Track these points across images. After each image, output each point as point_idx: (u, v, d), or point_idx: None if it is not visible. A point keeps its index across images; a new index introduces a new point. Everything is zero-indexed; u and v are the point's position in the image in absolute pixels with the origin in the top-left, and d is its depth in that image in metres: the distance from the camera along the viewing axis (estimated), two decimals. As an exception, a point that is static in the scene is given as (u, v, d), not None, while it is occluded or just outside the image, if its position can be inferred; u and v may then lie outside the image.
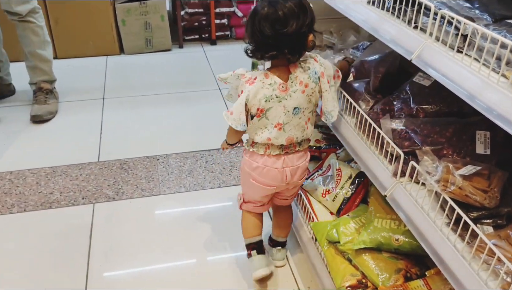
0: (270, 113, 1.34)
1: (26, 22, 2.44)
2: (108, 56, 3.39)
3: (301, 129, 1.39)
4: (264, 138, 1.38)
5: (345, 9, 1.34)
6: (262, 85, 1.31)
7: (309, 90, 1.34)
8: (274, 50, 1.27)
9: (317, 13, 2.05)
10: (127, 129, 2.52)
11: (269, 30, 1.24)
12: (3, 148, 2.33)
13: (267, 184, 1.44)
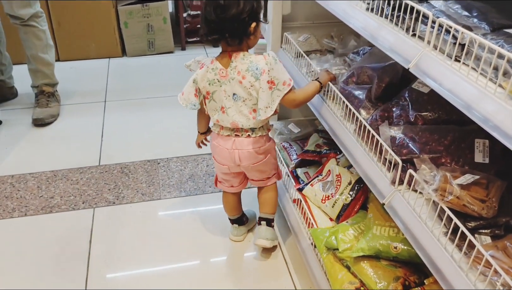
0: (215, 96, 1.48)
1: (29, 26, 2.45)
2: (110, 59, 3.40)
3: (245, 117, 1.48)
4: (215, 119, 1.53)
5: (344, 16, 1.33)
6: (207, 70, 1.45)
7: (247, 82, 1.42)
8: (216, 34, 1.38)
9: (317, 17, 2.07)
10: (129, 132, 2.52)
11: (212, 15, 1.35)
12: (5, 151, 2.34)
13: (220, 162, 1.59)
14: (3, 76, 2.71)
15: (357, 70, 1.49)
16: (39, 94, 2.62)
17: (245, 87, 1.43)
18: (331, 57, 1.77)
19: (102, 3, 3.21)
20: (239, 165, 1.56)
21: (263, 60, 1.42)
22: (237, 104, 1.47)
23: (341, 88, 1.50)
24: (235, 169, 1.60)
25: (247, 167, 1.57)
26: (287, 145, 2.00)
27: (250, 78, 1.42)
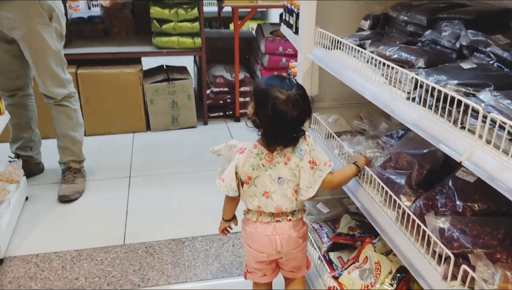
0: (258, 181, 1.45)
1: (61, 106, 2.52)
2: (135, 133, 3.46)
3: (289, 200, 1.46)
4: (255, 206, 1.48)
5: (384, 105, 1.34)
6: (250, 155, 1.44)
7: (292, 164, 1.43)
8: (278, 136, 1.41)
9: (345, 98, 2.10)
10: (153, 209, 2.50)
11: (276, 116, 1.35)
12: (29, 227, 2.32)
13: (258, 250, 1.51)
14: (32, 152, 2.75)
15: (395, 155, 1.48)
16: (66, 171, 2.64)
17: (290, 168, 1.43)
18: (363, 139, 1.78)
19: (130, 81, 3.32)
20: (280, 251, 1.50)
21: (305, 141, 1.44)
22: (282, 188, 1.45)
23: (378, 173, 1.48)
24: (274, 256, 1.53)
25: (288, 253, 1.51)
26: (318, 226, 1.95)
27: (296, 159, 1.43)
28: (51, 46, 2.37)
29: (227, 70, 3.78)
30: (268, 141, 1.44)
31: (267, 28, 3.74)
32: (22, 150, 2.72)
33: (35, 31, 2.30)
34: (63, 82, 2.48)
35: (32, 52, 2.35)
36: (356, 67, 1.56)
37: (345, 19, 2.00)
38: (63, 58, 2.48)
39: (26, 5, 2.26)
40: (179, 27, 3.32)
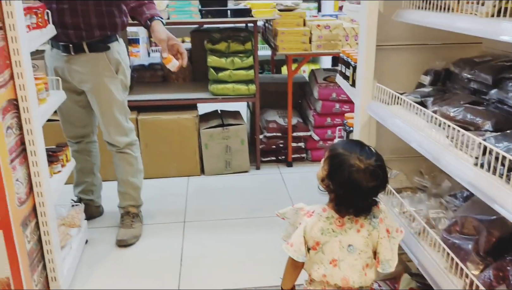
0: (326, 247, 1.37)
1: (123, 153, 2.63)
2: (190, 177, 3.53)
3: (358, 273, 1.37)
4: (320, 275, 1.38)
5: (446, 167, 1.31)
6: (319, 218, 1.38)
7: (365, 231, 1.37)
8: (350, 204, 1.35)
9: (403, 151, 2.06)
10: (207, 257, 2.51)
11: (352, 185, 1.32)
12: (89, 272, 2.39)
13: None
14: (93, 196, 2.87)
15: (460, 219, 1.43)
16: (125, 215, 2.72)
17: (362, 236, 1.37)
18: (425, 197, 1.73)
19: (187, 127, 3.42)
20: None
21: (377, 209, 1.40)
22: (352, 257, 1.37)
23: (443, 237, 1.43)
24: None
25: None
26: (376, 286, 1.89)
27: (368, 227, 1.37)
28: (117, 97, 2.50)
29: (280, 115, 3.83)
30: (338, 208, 1.39)
31: (320, 74, 3.78)
32: (84, 194, 2.84)
33: (103, 83, 2.44)
34: (125, 131, 2.60)
35: (99, 102, 2.49)
36: (418, 125, 1.54)
37: (403, 73, 2.00)
38: (126, 108, 2.61)
39: (95, 59, 2.41)
40: (234, 75, 3.42)
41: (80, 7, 2.32)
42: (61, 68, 2.46)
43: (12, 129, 1.80)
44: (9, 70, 1.79)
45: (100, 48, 2.41)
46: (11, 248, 1.77)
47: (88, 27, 2.36)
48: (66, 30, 2.35)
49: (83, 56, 2.41)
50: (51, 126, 3.23)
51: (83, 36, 2.37)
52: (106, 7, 2.37)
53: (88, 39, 2.38)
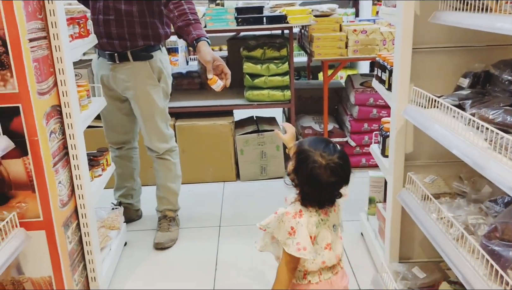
0: (319, 237, 1.48)
1: (163, 159, 2.70)
2: (225, 182, 3.56)
3: (340, 244, 1.55)
4: (319, 263, 1.48)
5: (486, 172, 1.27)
6: (310, 215, 1.48)
7: (336, 208, 1.55)
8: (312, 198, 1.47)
9: (442, 155, 2.01)
10: (242, 262, 2.52)
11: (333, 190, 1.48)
12: (127, 273, 2.46)
13: None
14: (132, 200, 2.94)
15: (501, 225, 1.37)
16: (162, 219, 2.78)
17: (337, 213, 1.55)
18: (464, 203, 1.68)
19: (223, 133, 3.47)
20: None
21: None
22: (336, 234, 1.54)
23: (482, 243, 1.38)
24: None
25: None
26: (414, 293, 1.85)
27: (337, 203, 1.56)
28: (158, 104, 2.57)
29: (315, 121, 3.81)
30: (303, 202, 1.49)
31: (357, 79, 3.74)
32: (124, 198, 2.92)
33: (145, 91, 2.52)
34: (166, 137, 2.67)
35: (141, 110, 2.57)
36: (453, 127, 1.50)
37: (441, 76, 1.95)
38: (167, 115, 2.68)
39: (139, 68, 2.49)
40: (270, 81, 3.44)
41: (125, 18, 2.41)
42: (107, 76, 2.55)
43: (55, 134, 1.88)
44: (53, 77, 1.88)
45: (143, 57, 2.49)
46: (53, 248, 1.84)
47: (133, 37, 2.44)
48: (111, 40, 2.45)
49: (127, 65, 2.49)
50: (93, 132, 3.36)
51: (128, 46, 2.45)
52: (149, 19, 2.45)
53: (132, 48, 2.46)
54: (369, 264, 2.44)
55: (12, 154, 1.71)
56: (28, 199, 1.78)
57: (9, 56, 1.62)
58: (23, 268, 1.87)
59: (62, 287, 1.89)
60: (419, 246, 2.15)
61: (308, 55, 3.86)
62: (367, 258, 2.50)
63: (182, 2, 2.35)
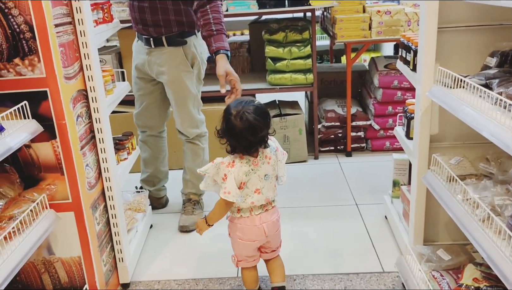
0: (249, 183, 1.82)
1: (192, 144, 2.75)
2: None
3: (272, 190, 1.90)
4: (248, 203, 1.85)
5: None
6: (241, 165, 1.80)
7: (272, 161, 1.87)
8: (253, 146, 1.80)
9: (469, 137, 1.98)
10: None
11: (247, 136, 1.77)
12: (153, 255, 2.51)
13: (251, 239, 1.90)
14: (153, 187, 2.96)
15: (528, 206, 1.35)
16: (186, 202, 2.82)
17: (272, 165, 1.86)
18: (490, 184, 1.65)
19: (245, 117, 3.47)
20: (267, 236, 1.89)
21: (271, 141, 1.91)
22: (268, 182, 1.86)
23: (509, 223, 1.36)
24: (263, 241, 1.92)
25: (272, 235, 1.93)
26: (438, 275, 1.83)
27: (273, 157, 1.87)
28: (191, 90, 2.62)
29: (338, 104, 3.78)
30: (232, 151, 1.83)
31: (381, 61, 3.69)
32: (145, 183, 2.96)
33: (179, 76, 2.57)
34: (197, 122, 2.71)
35: (174, 94, 2.63)
36: (482, 109, 1.47)
37: (467, 55, 1.91)
38: (199, 100, 2.72)
39: (173, 53, 2.54)
40: (292, 64, 3.42)
41: (160, 6, 2.45)
42: (143, 60, 2.61)
43: (82, 118, 1.92)
44: (79, 62, 1.91)
45: (177, 43, 2.53)
46: (82, 229, 1.90)
47: (167, 23, 2.48)
48: (147, 27, 2.50)
49: (162, 50, 2.54)
50: (118, 117, 3.43)
51: (162, 32, 2.49)
52: (183, 6, 2.48)
53: (167, 34, 2.50)
54: (393, 247, 2.44)
55: (41, 137, 1.76)
56: (57, 181, 1.84)
57: (36, 41, 1.66)
58: (53, 249, 1.93)
59: (91, 267, 1.95)
60: (444, 228, 2.13)
61: (330, 38, 3.81)
62: (391, 241, 2.49)
63: (208, 11, 2.38)
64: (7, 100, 1.72)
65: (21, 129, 1.63)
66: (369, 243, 2.51)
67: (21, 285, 1.98)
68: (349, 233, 2.59)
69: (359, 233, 2.61)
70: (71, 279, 1.97)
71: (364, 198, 2.98)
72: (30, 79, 1.71)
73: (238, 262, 2.00)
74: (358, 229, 2.64)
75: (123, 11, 3.25)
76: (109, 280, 2.13)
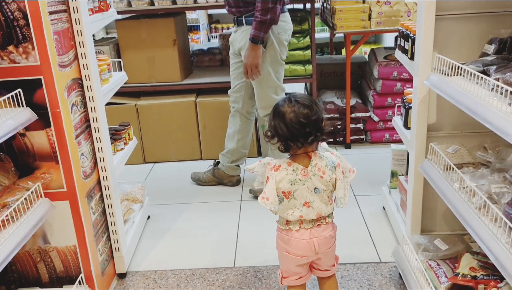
0: (296, 194, 1.62)
1: (266, 122, 2.86)
2: (247, 158, 3.56)
3: (325, 204, 1.66)
4: (296, 216, 1.64)
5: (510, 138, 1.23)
6: (286, 173, 1.60)
7: (327, 177, 1.63)
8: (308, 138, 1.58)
9: (466, 126, 1.96)
10: (263, 234, 2.53)
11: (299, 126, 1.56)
12: (150, 245, 2.51)
13: (297, 254, 1.68)
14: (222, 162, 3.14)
15: (525, 192, 1.34)
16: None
17: (325, 181, 1.63)
18: (487, 172, 1.63)
19: (244, 108, 3.46)
20: (317, 252, 1.67)
21: (333, 156, 1.67)
22: (319, 196, 1.64)
23: (505, 211, 1.35)
24: (312, 257, 1.70)
25: (324, 252, 1.70)
26: (434, 264, 1.82)
27: (329, 172, 1.63)
28: (263, 69, 2.72)
29: (338, 96, 3.76)
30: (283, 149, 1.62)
31: (380, 53, 3.66)
32: (222, 156, 3.13)
33: None
34: (269, 102, 2.76)
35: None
36: (479, 95, 1.46)
37: (465, 43, 1.89)
38: (275, 81, 2.81)
39: (248, 32, 2.64)
40: (291, 55, 3.39)
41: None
42: (232, 37, 2.86)
43: (77, 107, 1.91)
44: (74, 50, 1.90)
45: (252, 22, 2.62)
46: (77, 218, 1.89)
47: (246, 4, 2.65)
48: (230, 8, 2.75)
49: (242, 28, 2.73)
50: (116, 109, 3.42)
51: (242, 12, 2.70)
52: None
53: (246, 14, 2.68)
54: (391, 238, 2.43)
55: (36, 125, 1.75)
56: (52, 170, 1.83)
57: (30, 28, 1.65)
58: (49, 238, 1.93)
59: (86, 256, 1.95)
60: (442, 218, 2.11)
61: (330, 29, 3.79)
62: (389, 232, 2.48)
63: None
64: (1, 88, 1.71)
65: (14, 117, 1.62)
66: (367, 233, 2.50)
67: (17, 274, 1.98)
68: (346, 223, 2.58)
69: (356, 223, 2.60)
70: (67, 268, 1.97)
71: (363, 189, 2.97)
72: (24, 67, 1.70)
73: (282, 279, 1.77)
74: (356, 220, 2.63)
75: (120, 1, 3.24)
76: (105, 269, 2.13)
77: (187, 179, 3.24)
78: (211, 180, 3.15)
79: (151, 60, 3.44)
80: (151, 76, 3.49)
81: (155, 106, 3.47)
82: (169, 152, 3.57)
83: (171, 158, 3.59)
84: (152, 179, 3.32)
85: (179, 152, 3.58)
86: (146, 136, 3.53)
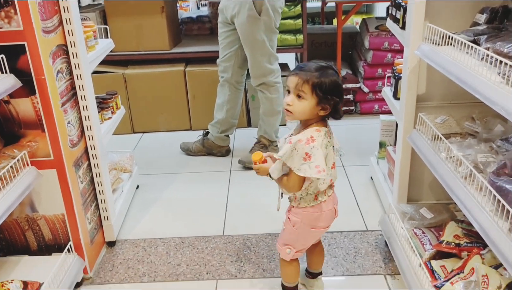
0: (328, 157, 1.56)
1: (259, 91, 2.92)
2: (236, 129, 3.55)
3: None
4: (328, 182, 1.60)
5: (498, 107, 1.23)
6: (322, 138, 1.53)
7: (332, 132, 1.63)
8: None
9: (455, 96, 1.96)
10: (252, 204, 2.56)
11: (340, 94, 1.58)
12: (139, 214, 2.52)
13: (325, 226, 1.68)
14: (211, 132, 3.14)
15: (510, 161, 1.35)
16: (256, 143, 3.05)
17: (334, 137, 1.65)
18: (474, 142, 1.65)
19: (233, 78, 3.42)
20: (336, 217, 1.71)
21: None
22: (336, 156, 1.64)
23: (490, 180, 1.36)
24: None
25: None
26: (420, 232, 1.86)
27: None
28: (257, 37, 2.69)
29: (328, 66, 3.73)
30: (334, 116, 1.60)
31: (372, 23, 3.62)
32: (211, 126, 3.12)
33: (245, 22, 2.66)
34: (263, 71, 2.78)
35: (242, 39, 2.75)
36: (468, 64, 1.45)
37: (457, 13, 1.87)
38: (269, 49, 2.78)
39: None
40: (282, 24, 3.32)
41: None
42: (223, 4, 2.79)
43: (62, 74, 1.88)
44: (58, 16, 1.85)
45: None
46: (65, 186, 1.88)
47: None
48: None
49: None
50: (103, 77, 3.36)
51: None
52: None
53: None
54: (378, 207, 2.46)
55: (20, 92, 1.72)
56: (38, 138, 1.81)
57: (11, -8, 1.59)
58: (36, 206, 1.92)
59: (75, 225, 1.95)
60: (428, 188, 2.14)
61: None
62: (376, 201, 2.51)
63: None
64: (-17, 54, 1.66)
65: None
66: (354, 203, 2.53)
67: (5, 242, 1.98)
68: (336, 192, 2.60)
69: (344, 193, 2.62)
70: (55, 236, 1.97)
71: (351, 160, 2.98)
72: (7, 32, 1.65)
73: (295, 253, 1.71)
74: (344, 190, 2.65)
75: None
76: (94, 238, 2.13)
77: (176, 149, 3.23)
78: (200, 150, 3.15)
79: (139, 27, 3.38)
80: (139, 44, 3.43)
81: (143, 75, 3.42)
82: (158, 122, 3.55)
83: (160, 128, 3.57)
84: (141, 149, 3.31)
85: (168, 122, 3.56)
86: (134, 105, 3.49)
